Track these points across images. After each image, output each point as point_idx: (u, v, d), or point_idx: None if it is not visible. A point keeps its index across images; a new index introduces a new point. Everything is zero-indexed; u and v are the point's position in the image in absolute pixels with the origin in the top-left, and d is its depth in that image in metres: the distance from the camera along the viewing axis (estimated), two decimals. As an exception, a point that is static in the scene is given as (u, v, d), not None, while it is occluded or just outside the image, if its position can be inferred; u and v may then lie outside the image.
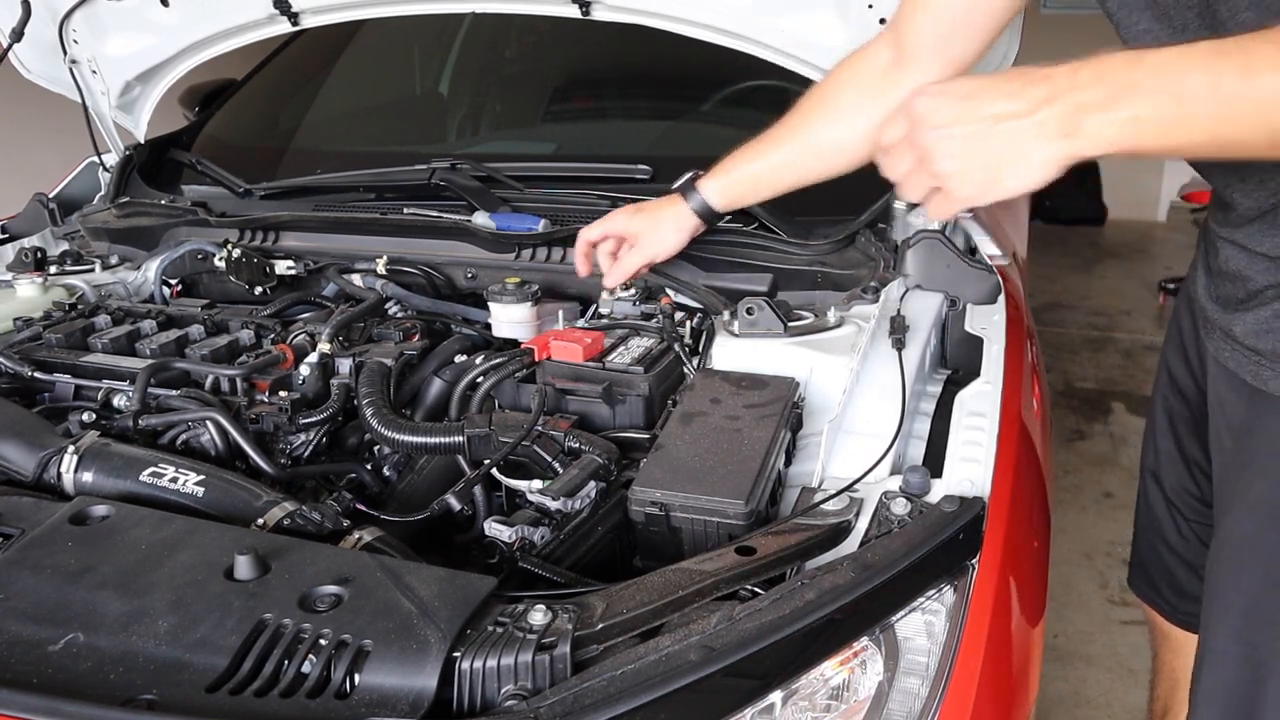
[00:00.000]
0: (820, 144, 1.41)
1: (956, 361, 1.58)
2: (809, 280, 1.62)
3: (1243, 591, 1.13)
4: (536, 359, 1.38)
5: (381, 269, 1.76)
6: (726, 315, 1.47)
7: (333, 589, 0.92)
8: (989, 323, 1.48)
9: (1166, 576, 1.55)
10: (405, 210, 1.88)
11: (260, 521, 1.09)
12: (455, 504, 1.19)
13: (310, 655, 0.86)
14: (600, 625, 0.88)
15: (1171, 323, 1.45)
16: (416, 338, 1.54)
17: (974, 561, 1.02)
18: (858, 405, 1.29)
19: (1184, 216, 6.75)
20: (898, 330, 1.40)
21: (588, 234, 1.58)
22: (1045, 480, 1.38)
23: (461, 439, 1.27)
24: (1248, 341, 1.10)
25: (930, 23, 1.25)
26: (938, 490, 1.09)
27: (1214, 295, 1.18)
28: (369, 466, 1.35)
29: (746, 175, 1.49)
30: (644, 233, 1.54)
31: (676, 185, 1.55)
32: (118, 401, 1.38)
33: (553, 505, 1.15)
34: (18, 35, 1.96)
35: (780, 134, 1.44)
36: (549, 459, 1.22)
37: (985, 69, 1.51)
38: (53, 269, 1.88)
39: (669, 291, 1.62)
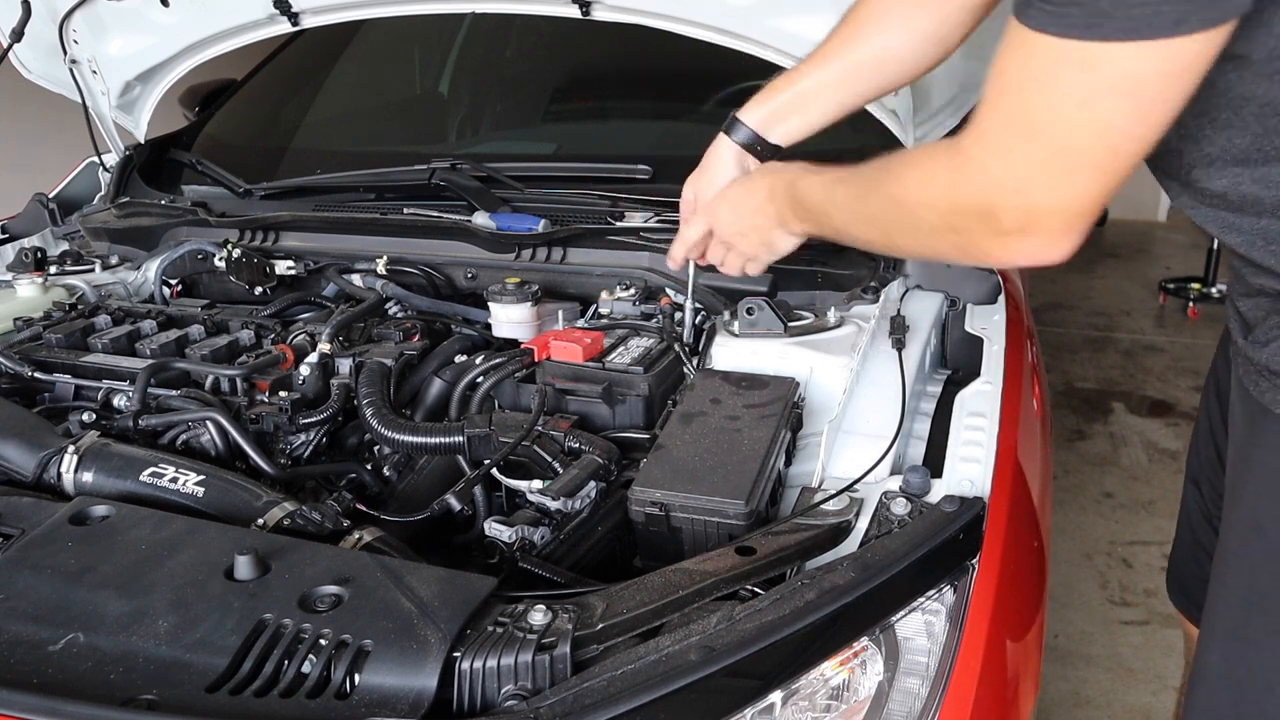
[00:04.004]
0: (872, 56, 1.30)
1: (956, 361, 1.58)
2: (809, 280, 1.62)
3: (1228, 607, 1.10)
4: (536, 359, 1.38)
5: (381, 269, 1.76)
6: (726, 315, 1.47)
7: (333, 589, 0.92)
8: (989, 323, 1.48)
9: (1201, 585, 1.52)
10: (405, 210, 1.89)
11: (260, 521, 1.09)
12: (455, 504, 1.19)
13: (310, 655, 0.86)
14: (600, 625, 0.88)
15: (1225, 330, 1.42)
16: (416, 338, 1.53)
17: (974, 561, 1.02)
18: (858, 405, 1.29)
19: (1184, 216, 6.73)
20: (898, 330, 1.40)
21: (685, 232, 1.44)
22: (1045, 480, 1.38)
23: (461, 439, 1.27)
24: (1258, 359, 1.08)
25: None
26: (938, 490, 1.09)
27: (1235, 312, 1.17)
28: (369, 466, 1.35)
29: (793, 97, 1.34)
30: (702, 191, 1.43)
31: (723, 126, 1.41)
32: (118, 401, 1.38)
33: (553, 505, 1.15)
34: (18, 35, 1.96)
35: (826, 51, 1.32)
36: (549, 459, 1.22)
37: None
38: (53, 269, 1.88)
39: (669, 291, 1.62)
